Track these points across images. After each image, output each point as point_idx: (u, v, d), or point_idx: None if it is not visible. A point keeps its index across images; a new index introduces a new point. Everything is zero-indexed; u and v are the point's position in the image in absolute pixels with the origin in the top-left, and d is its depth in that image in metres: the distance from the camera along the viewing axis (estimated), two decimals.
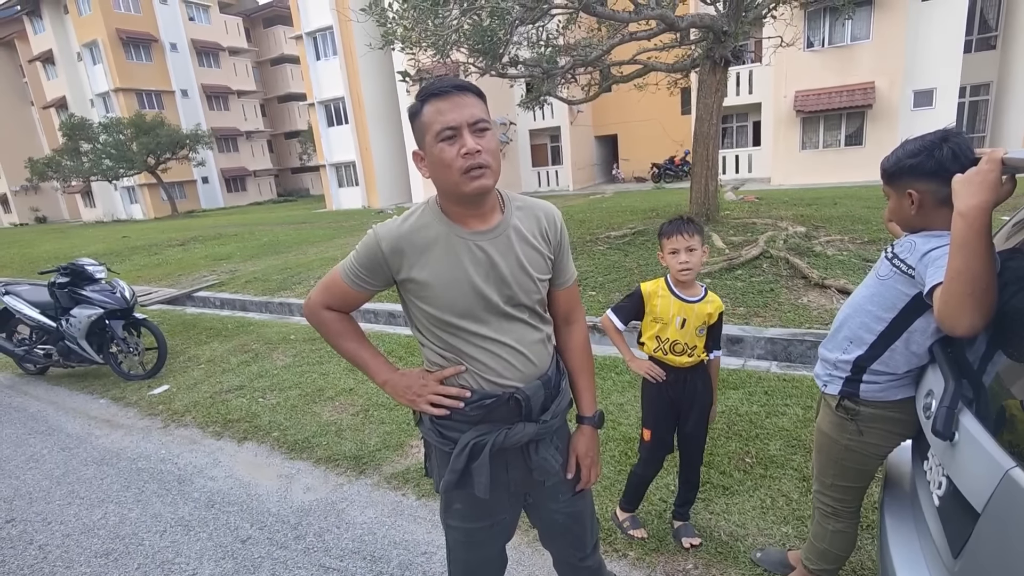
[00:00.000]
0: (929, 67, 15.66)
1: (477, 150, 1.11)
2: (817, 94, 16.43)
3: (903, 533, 1.39)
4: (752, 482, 2.60)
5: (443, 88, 1.12)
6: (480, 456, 1.26)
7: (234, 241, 13.97)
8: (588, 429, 1.44)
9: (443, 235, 1.21)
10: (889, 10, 15.33)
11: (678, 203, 11.33)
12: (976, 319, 1.13)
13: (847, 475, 1.60)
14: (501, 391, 1.27)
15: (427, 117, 1.13)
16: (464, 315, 1.22)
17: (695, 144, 7.95)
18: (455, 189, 1.15)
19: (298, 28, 25.37)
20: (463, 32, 6.52)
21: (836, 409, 1.55)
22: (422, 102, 1.14)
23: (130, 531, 2.71)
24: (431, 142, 1.13)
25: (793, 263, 5.66)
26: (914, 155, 1.36)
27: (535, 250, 1.28)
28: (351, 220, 18.10)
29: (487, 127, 1.14)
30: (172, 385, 4.60)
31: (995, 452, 0.99)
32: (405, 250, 1.21)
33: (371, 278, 1.26)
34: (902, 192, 1.40)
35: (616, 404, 3.46)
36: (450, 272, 1.20)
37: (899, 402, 1.45)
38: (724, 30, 7.06)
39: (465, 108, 1.11)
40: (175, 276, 9.91)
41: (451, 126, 1.10)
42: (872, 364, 1.46)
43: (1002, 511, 0.94)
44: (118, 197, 35.76)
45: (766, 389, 3.46)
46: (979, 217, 1.12)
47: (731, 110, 20.44)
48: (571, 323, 1.45)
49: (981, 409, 1.10)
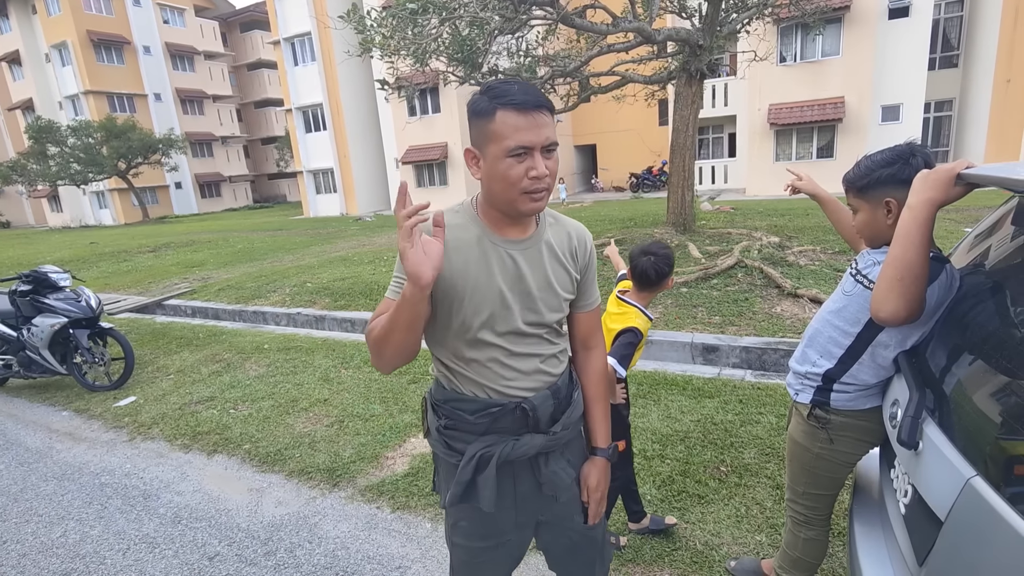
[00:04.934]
0: (896, 83, 16.24)
1: (546, 175, 1.08)
2: (790, 107, 16.88)
3: (871, 540, 1.41)
4: (727, 491, 2.62)
5: (525, 103, 1.05)
6: (487, 468, 1.21)
7: (207, 248, 13.69)
8: (601, 462, 1.38)
9: (476, 238, 1.17)
10: (858, 27, 15.86)
11: (655, 212, 11.47)
12: (901, 306, 1.21)
13: (819, 483, 1.62)
14: (507, 400, 1.22)
15: (499, 127, 1.06)
16: (484, 324, 1.17)
17: (672, 155, 8.07)
18: (511, 205, 1.11)
19: (276, 33, 25.14)
20: (442, 41, 6.53)
21: (808, 418, 1.57)
22: (495, 106, 1.06)
23: (91, 549, 2.60)
24: (497, 153, 1.07)
25: (767, 273, 5.77)
26: (889, 164, 1.38)
27: (563, 267, 1.25)
28: (328, 227, 17.91)
29: (555, 148, 1.11)
30: (139, 396, 4.46)
31: (957, 461, 1.01)
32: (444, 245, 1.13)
33: None
34: (878, 203, 1.41)
35: None
36: (478, 275, 1.16)
37: (868, 411, 1.48)
38: (699, 44, 7.21)
39: (542, 129, 1.07)
40: (145, 284, 9.66)
41: (527, 146, 1.06)
42: (842, 376, 1.48)
43: (964, 519, 0.95)
44: (87, 202, 34.79)
45: (741, 398, 3.50)
46: (924, 210, 1.20)
47: (707, 122, 20.86)
48: (590, 348, 1.39)
49: (944, 419, 1.13)
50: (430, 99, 21.89)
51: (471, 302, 1.16)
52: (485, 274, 1.16)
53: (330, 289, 7.37)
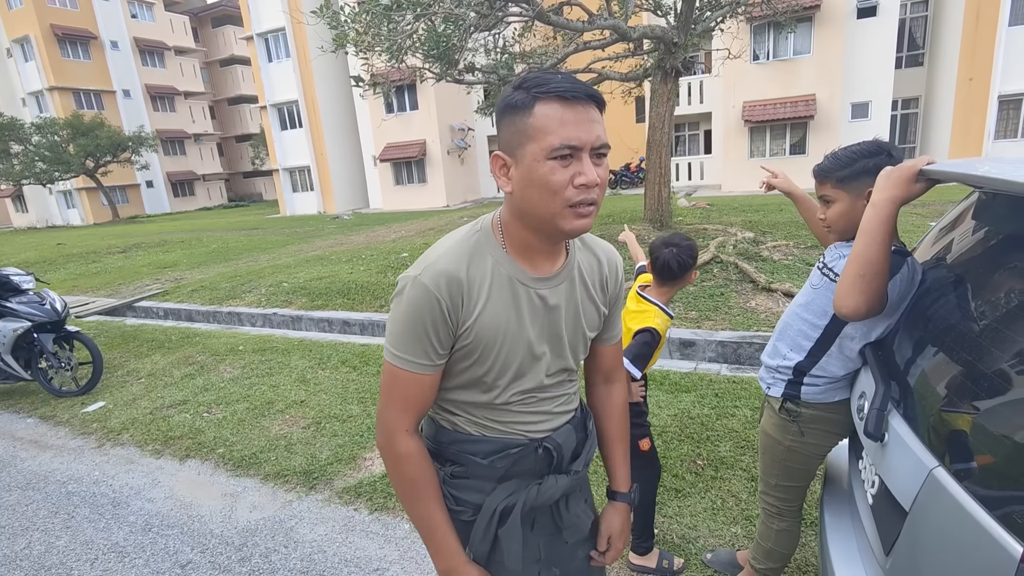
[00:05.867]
0: (865, 81, 16.61)
1: (597, 182, 0.88)
2: (763, 105, 17.15)
3: (841, 531, 1.43)
4: (703, 484, 2.65)
5: (573, 92, 0.86)
6: (509, 519, 1.05)
7: (180, 248, 13.37)
8: (624, 508, 1.25)
9: (507, 280, 0.97)
10: (828, 26, 16.18)
11: (633, 209, 11.55)
12: (862, 302, 1.24)
13: (791, 475, 1.65)
14: (528, 441, 1.07)
15: (541, 121, 0.85)
16: (511, 382, 1.02)
17: (648, 151, 8.13)
18: (551, 221, 0.90)
19: (249, 29, 24.65)
20: (418, 38, 6.47)
21: (779, 412, 1.60)
22: (535, 96, 0.86)
23: (57, 560, 2.52)
24: (537, 154, 0.86)
25: (742, 268, 5.86)
26: (872, 155, 1.40)
27: (592, 303, 1.08)
28: (306, 226, 17.65)
29: (608, 152, 0.91)
30: (108, 401, 4.34)
31: (920, 452, 1.03)
32: (466, 293, 0.94)
33: (442, 346, 0.96)
34: (859, 192, 1.41)
35: None
36: (508, 328, 0.98)
37: (837, 403, 1.51)
38: (674, 41, 7.27)
39: (593, 125, 0.87)
40: (115, 285, 9.39)
41: (574, 144, 0.85)
42: (811, 369, 1.51)
43: (927, 509, 0.97)
44: (54, 202, 33.73)
45: (717, 391, 3.55)
46: (887, 208, 1.22)
47: (684, 119, 21.08)
48: (611, 382, 1.26)
49: (908, 411, 1.15)
50: (407, 96, 21.71)
51: (498, 359, 0.99)
52: (516, 325, 0.98)
53: (307, 289, 7.26)
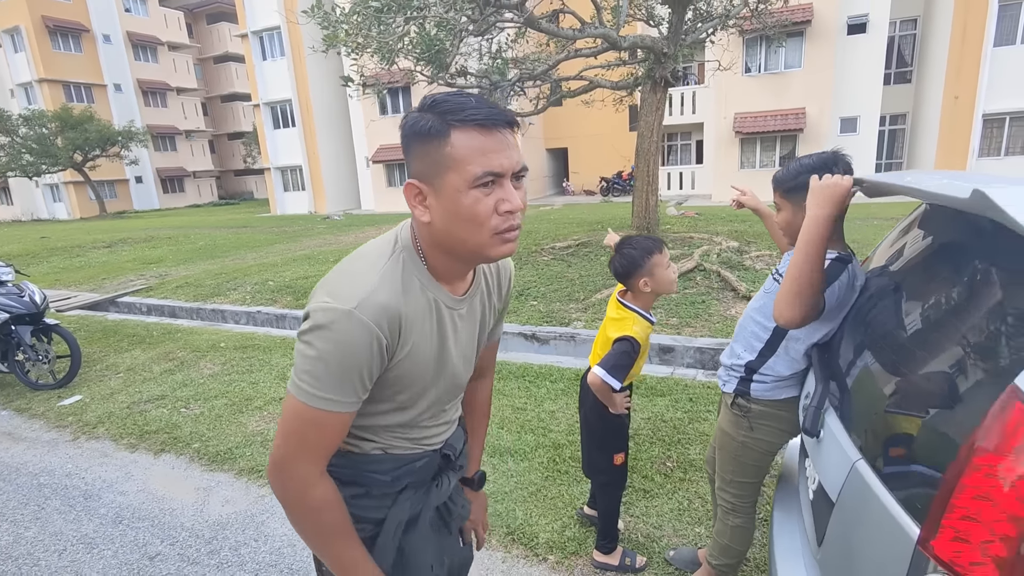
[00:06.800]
0: (854, 96, 16.88)
1: (520, 207, 0.86)
2: (754, 117, 17.38)
3: (787, 526, 1.48)
4: (672, 485, 2.69)
5: (490, 119, 0.83)
6: (417, 526, 1.07)
7: (167, 244, 13.30)
8: (482, 495, 1.34)
9: (430, 300, 0.94)
10: (819, 42, 16.44)
11: (622, 216, 11.64)
12: (797, 313, 1.31)
13: (744, 471, 1.70)
14: (432, 451, 1.10)
15: (460, 151, 0.82)
16: (431, 405, 1.02)
17: (637, 160, 8.22)
18: (479, 252, 0.88)
19: (244, 26, 24.60)
20: (410, 40, 6.52)
21: (731, 407, 1.66)
22: (449, 124, 0.82)
23: (24, 551, 2.52)
24: (459, 184, 0.83)
25: (724, 276, 5.94)
26: (814, 169, 1.47)
27: (492, 311, 1.11)
28: (295, 225, 17.59)
29: (526, 174, 0.90)
30: (85, 395, 4.32)
31: (848, 447, 1.08)
32: (403, 327, 0.90)
33: (371, 380, 0.90)
34: (801, 203, 1.47)
35: (548, 412, 3.51)
36: (435, 349, 0.96)
37: (785, 401, 1.57)
38: (664, 52, 7.38)
39: (512, 150, 0.85)
40: (98, 280, 9.32)
41: (496, 172, 0.83)
42: (761, 367, 1.57)
43: (849, 500, 1.03)
44: (40, 195, 33.34)
45: (691, 396, 3.60)
46: (819, 226, 1.30)
47: (676, 129, 21.28)
48: (483, 376, 1.30)
49: (843, 409, 1.20)
50: (402, 98, 21.74)
51: (423, 383, 0.98)
52: (441, 349, 0.97)
53: (293, 288, 7.26)
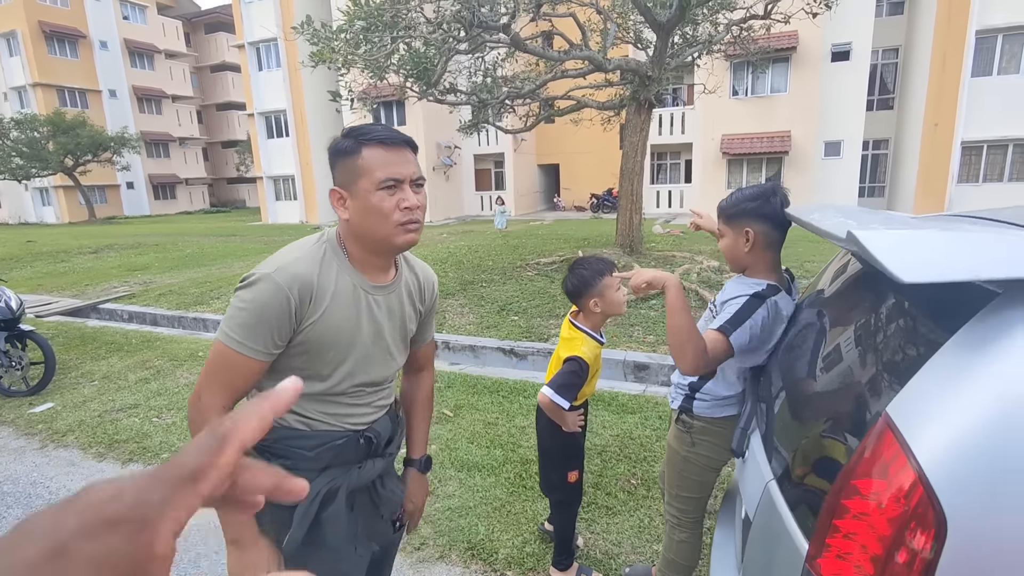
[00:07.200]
0: (838, 121, 17.25)
1: (419, 205, 1.11)
2: (741, 138, 17.69)
3: (725, 545, 1.53)
4: (635, 503, 2.73)
5: (391, 138, 1.10)
6: (334, 502, 1.16)
7: (154, 251, 13.24)
8: (421, 476, 1.44)
9: (347, 285, 1.14)
10: (804, 67, 16.83)
11: (609, 233, 11.75)
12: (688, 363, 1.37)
13: (688, 486, 1.75)
14: (351, 432, 1.20)
15: (368, 161, 1.08)
16: (346, 377, 1.16)
17: (621, 179, 8.37)
18: (386, 239, 1.11)
19: (241, 37, 24.78)
20: (400, 57, 6.62)
21: (676, 422, 1.72)
22: (361, 143, 1.09)
23: None
24: (368, 187, 1.08)
25: (702, 295, 6.02)
26: (753, 199, 1.55)
27: (415, 310, 1.29)
28: (285, 235, 17.58)
29: (424, 183, 1.15)
30: (57, 403, 4.29)
31: (763, 467, 1.13)
32: (315, 296, 1.09)
33: (280, 338, 1.08)
34: (739, 231, 1.56)
35: (519, 427, 3.54)
36: (352, 330, 1.14)
37: (723, 419, 1.63)
38: (648, 75, 7.55)
39: (409, 163, 1.11)
40: (81, 286, 9.26)
41: (397, 177, 1.09)
42: (701, 388, 1.63)
43: (761, 519, 1.07)
44: (29, 198, 33.07)
45: (660, 414, 3.65)
46: (675, 289, 1.43)
47: (665, 148, 21.58)
48: (422, 371, 1.46)
49: (766, 431, 1.26)
50: (396, 112, 21.93)
51: (340, 358, 1.14)
52: (356, 327, 1.15)
53: None
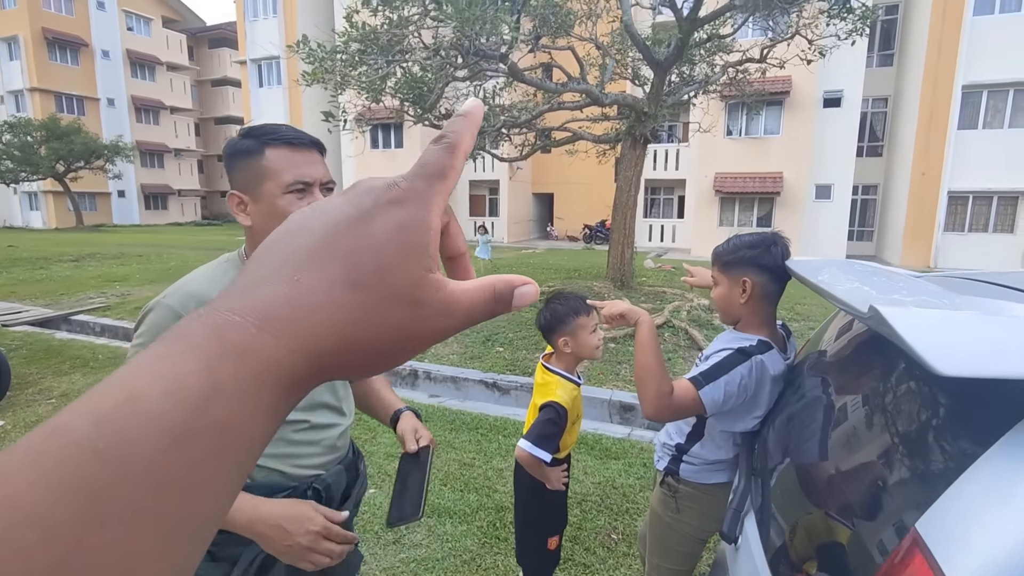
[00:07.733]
0: (829, 165, 17.55)
1: None
2: (734, 177, 17.91)
3: None
4: (614, 560, 2.55)
5: (298, 139, 1.03)
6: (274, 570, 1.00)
7: (136, 262, 12.99)
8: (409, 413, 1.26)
9: None
10: (797, 111, 17.19)
11: (600, 265, 11.70)
12: (649, 407, 1.27)
13: (670, 556, 1.59)
14: (297, 482, 1.05)
15: (273, 163, 1.00)
16: None
17: (614, 212, 8.33)
18: None
19: (243, 53, 25.00)
20: (397, 81, 6.60)
21: (660, 484, 1.57)
22: (264, 143, 1.01)
23: None
24: (274, 190, 1.00)
25: (692, 335, 5.91)
26: (753, 247, 1.43)
27: None
28: None
29: (334, 188, 1.05)
30: (8, 421, 4.04)
31: (759, 560, 0.98)
32: None
33: None
34: (736, 279, 1.45)
35: (496, 469, 3.35)
36: None
37: (712, 486, 1.48)
38: (644, 111, 7.58)
39: (319, 166, 1.04)
40: (56, 295, 8.99)
41: (306, 180, 1.01)
42: (689, 450, 1.49)
43: None
44: (16, 202, 32.69)
45: (645, 461, 3.48)
46: (646, 326, 1.36)
47: (660, 183, 21.82)
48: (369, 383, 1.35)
49: (761, 515, 1.11)
50: (393, 134, 22.05)
51: None
52: None
53: None
